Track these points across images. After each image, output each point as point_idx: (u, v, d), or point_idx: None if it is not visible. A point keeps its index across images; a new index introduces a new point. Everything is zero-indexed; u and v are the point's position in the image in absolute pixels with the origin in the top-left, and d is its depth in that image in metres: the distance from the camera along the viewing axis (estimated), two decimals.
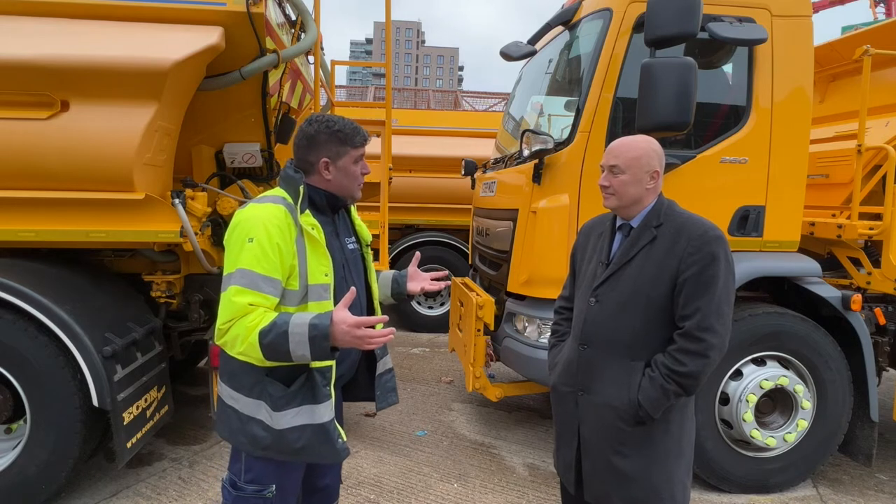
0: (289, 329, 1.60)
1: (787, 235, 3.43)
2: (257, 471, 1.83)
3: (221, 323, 1.66)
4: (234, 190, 3.64)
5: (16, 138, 2.87)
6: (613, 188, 1.92)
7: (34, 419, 2.93)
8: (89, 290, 3.25)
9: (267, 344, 1.61)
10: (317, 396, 1.76)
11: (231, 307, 1.64)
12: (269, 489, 1.83)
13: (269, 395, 1.75)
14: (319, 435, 1.77)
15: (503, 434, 4.28)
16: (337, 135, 1.81)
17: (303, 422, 1.75)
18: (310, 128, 1.83)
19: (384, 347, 2.10)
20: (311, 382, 1.76)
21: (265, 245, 1.67)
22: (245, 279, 1.65)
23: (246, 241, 1.67)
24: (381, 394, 2.08)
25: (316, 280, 1.76)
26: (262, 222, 1.69)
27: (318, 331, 1.59)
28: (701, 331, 1.76)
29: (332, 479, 2.19)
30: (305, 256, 1.75)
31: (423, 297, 7.44)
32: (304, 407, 1.76)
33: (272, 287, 1.68)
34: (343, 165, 1.84)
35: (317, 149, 1.82)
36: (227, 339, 1.66)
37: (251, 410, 1.78)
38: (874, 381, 3.44)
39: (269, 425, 1.75)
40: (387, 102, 4.70)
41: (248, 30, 3.08)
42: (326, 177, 1.84)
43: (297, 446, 1.76)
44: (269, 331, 1.61)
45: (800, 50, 3.38)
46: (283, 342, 1.60)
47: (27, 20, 2.94)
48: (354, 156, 1.86)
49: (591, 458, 1.96)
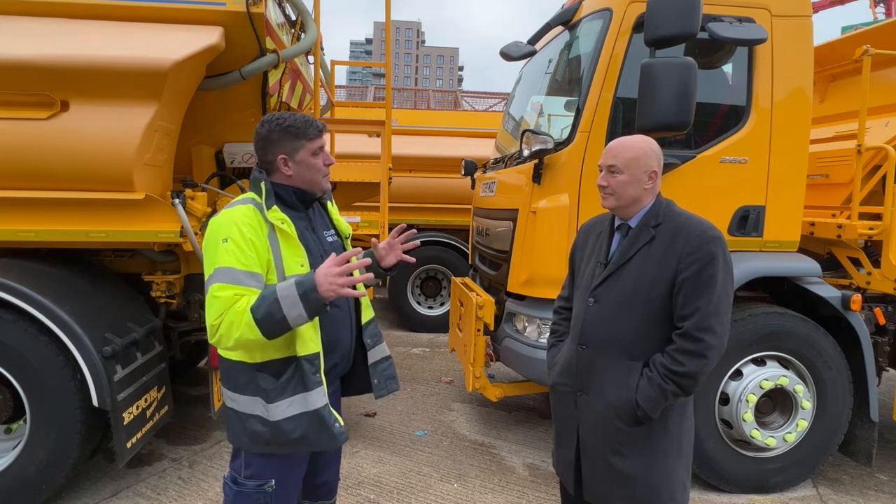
0: (278, 296, 1.64)
1: (787, 235, 3.43)
2: (257, 466, 1.86)
3: (213, 319, 1.68)
4: (234, 190, 3.64)
5: (16, 138, 2.87)
6: (612, 188, 1.92)
7: (34, 419, 2.93)
8: (89, 290, 3.25)
9: (261, 317, 1.63)
10: (307, 384, 1.78)
11: (218, 302, 1.67)
12: (269, 483, 1.86)
13: (262, 390, 1.79)
14: (315, 421, 1.80)
15: (503, 434, 4.28)
16: (289, 130, 1.84)
17: (297, 411, 1.78)
18: (262, 128, 1.86)
19: (375, 337, 2.11)
20: (300, 371, 1.78)
21: (240, 242, 1.71)
22: (227, 276, 1.69)
23: (221, 243, 1.72)
24: (380, 382, 2.09)
25: (292, 271, 1.79)
26: (234, 222, 1.74)
27: (305, 286, 1.64)
28: (699, 331, 1.76)
29: (331, 475, 2.20)
30: (280, 250, 1.79)
31: (423, 298, 7.45)
32: (296, 396, 1.78)
33: (255, 280, 1.72)
34: (301, 159, 1.87)
35: (272, 147, 1.86)
36: (223, 332, 1.67)
37: (248, 408, 1.82)
38: (874, 381, 3.43)
39: (266, 418, 1.79)
40: (387, 102, 4.71)
41: (248, 30, 3.08)
42: (287, 172, 1.87)
43: (295, 436, 1.79)
44: (260, 305, 1.64)
45: (800, 50, 3.38)
46: (276, 310, 1.63)
47: (27, 20, 2.94)
48: (311, 148, 1.87)
49: (590, 458, 1.96)
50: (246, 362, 1.81)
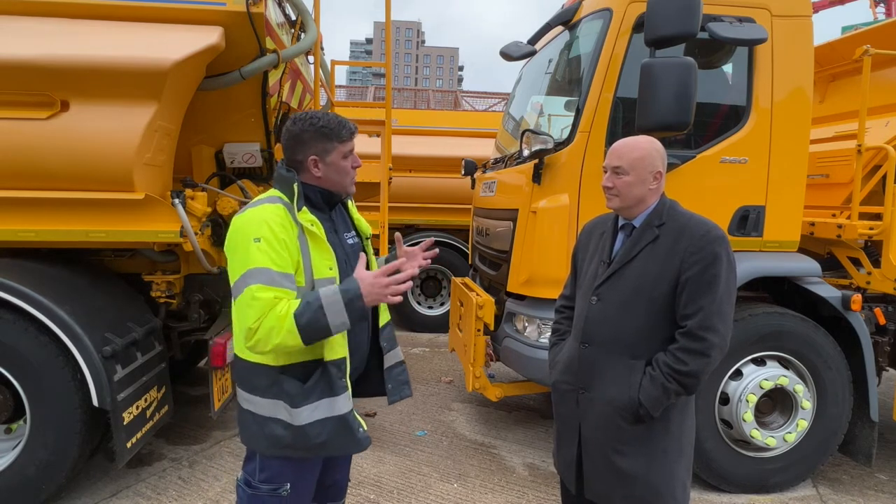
0: (322, 303, 1.64)
1: (787, 235, 3.43)
2: (272, 470, 1.83)
3: (252, 322, 1.63)
4: (234, 190, 3.63)
5: (16, 138, 2.87)
6: (617, 189, 1.92)
7: (34, 419, 2.93)
8: (89, 290, 3.24)
9: (305, 324, 1.62)
10: (334, 389, 1.76)
11: (258, 304, 1.63)
12: (284, 488, 1.83)
13: (286, 394, 1.75)
14: (340, 427, 1.78)
15: (503, 434, 4.28)
16: (322, 131, 1.80)
17: (323, 415, 1.76)
18: (294, 126, 1.81)
19: (391, 341, 2.11)
20: (326, 376, 1.76)
21: (273, 243, 1.67)
22: (264, 277, 1.65)
23: (252, 242, 1.67)
24: (393, 387, 2.08)
25: (321, 274, 1.76)
26: (265, 221, 1.70)
27: (350, 294, 1.66)
28: (703, 330, 1.76)
29: (342, 475, 2.19)
30: (309, 252, 1.76)
31: (423, 298, 7.45)
32: (322, 401, 1.76)
33: (290, 282, 1.70)
34: (332, 161, 1.83)
35: (303, 147, 1.81)
36: (260, 336, 1.63)
37: (269, 411, 1.78)
38: (874, 381, 3.44)
39: (290, 423, 1.75)
40: (387, 102, 4.71)
41: (248, 30, 3.08)
42: (316, 174, 1.84)
43: (320, 441, 1.77)
44: (304, 312, 1.63)
45: (800, 50, 3.38)
46: (320, 317, 1.63)
47: (27, 20, 2.94)
48: (343, 151, 1.84)
49: (591, 457, 1.96)
50: (268, 365, 1.76)
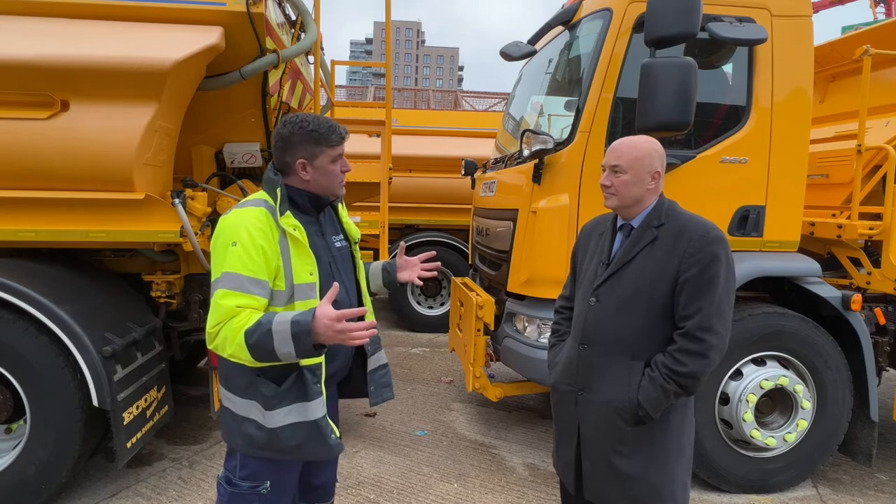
0: (272, 328, 1.60)
1: (787, 235, 3.43)
2: (252, 468, 1.84)
3: (210, 327, 1.66)
4: (235, 190, 3.64)
5: (16, 138, 2.87)
6: (615, 188, 1.92)
7: (34, 419, 2.93)
8: (89, 290, 3.25)
9: (253, 344, 1.61)
10: (308, 394, 1.77)
11: (218, 310, 1.65)
12: (264, 486, 1.84)
13: (261, 395, 1.77)
14: (312, 432, 1.78)
15: (503, 434, 4.28)
16: (311, 135, 1.80)
17: (295, 419, 1.77)
18: (284, 129, 1.82)
19: (375, 343, 2.11)
20: (301, 381, 1.77)
21: (249, 248, 1.68)
22: (232, 282, 1.66)
23: (230, 246, 1.69)
24: (375, 389, 2.09)
25: (301, 280, 1.77)
26: (244, 226, 1.70)
27: (300, 327, 1.58)
28: (702, 331, 1.76)
29: (328, 477, 2.20)
30: (289, 257, 1.76)
31: (423, 298, 7.45)
32: (295, 405, 1.77)
33: (260, 288, 1.69)
34: (320, 165, 1.83)
35: (292, 150, 1.81)
36: (217, 343, 1.67)
37: (245, 410, 1.80)
38: (874, 381, 3.44)
39: (263, 424, 1.77)
40: (387, 102, 4.71)
41: (248, 30, 3.08)
42: (304, 177, 1.84)
43: (292, 444, 1.78)
44: (254, 331, 1.61)
45: (800, 50, 3.38)
46: (267, 341, 1.60)
47: (27, 20, 2.94)
48: (332, 155, 1.83)
49: (590, 458, 1.96)
50: (246, 366, 1.77)
